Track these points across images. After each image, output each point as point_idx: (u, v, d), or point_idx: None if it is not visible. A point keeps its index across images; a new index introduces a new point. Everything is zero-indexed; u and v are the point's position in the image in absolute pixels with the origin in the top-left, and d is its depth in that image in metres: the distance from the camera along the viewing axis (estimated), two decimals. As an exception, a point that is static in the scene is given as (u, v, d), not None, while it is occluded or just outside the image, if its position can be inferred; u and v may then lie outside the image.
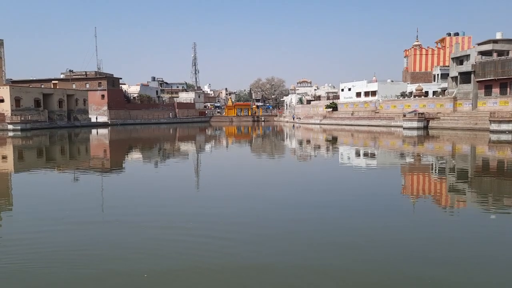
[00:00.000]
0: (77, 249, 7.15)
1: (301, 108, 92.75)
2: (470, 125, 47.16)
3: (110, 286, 5.72)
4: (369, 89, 71.54)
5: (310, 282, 5.74)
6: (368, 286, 5.67)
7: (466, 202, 11.72)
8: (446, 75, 62.03)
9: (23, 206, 11.02)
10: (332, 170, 18.95)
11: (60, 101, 68.18)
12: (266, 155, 26.58)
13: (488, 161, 21.92)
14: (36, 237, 7.84)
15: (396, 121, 57.41)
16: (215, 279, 5.85)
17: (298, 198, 11.70)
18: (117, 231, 8.35)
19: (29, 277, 5.96)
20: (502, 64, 47.81)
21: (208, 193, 12.76)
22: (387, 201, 11.33)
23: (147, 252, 6.94)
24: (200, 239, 7.58)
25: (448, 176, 16.45)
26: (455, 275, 6.02)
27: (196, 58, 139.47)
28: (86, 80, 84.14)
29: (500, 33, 53.68)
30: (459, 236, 8.06)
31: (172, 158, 24.52)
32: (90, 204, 10.97)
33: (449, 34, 76.42)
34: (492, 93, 49.27)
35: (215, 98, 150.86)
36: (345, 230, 8.39)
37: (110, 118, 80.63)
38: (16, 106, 58.93)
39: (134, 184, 14.87)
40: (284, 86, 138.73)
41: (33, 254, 6.86)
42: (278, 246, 7.31)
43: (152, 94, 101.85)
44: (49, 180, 16.39)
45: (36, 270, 6.19)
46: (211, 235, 7.82)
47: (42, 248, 7.16)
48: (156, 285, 5.65)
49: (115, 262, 6.55)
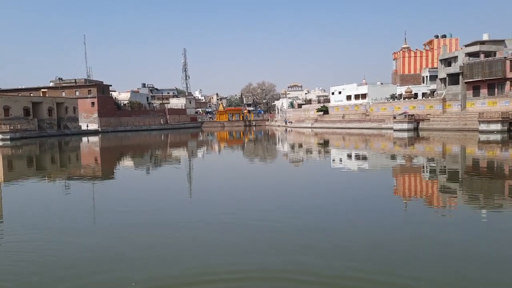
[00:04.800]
0: (66, 258, 7.07)
1: (292, 112, 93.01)
2: (459, 125, 47.65)
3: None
4: (359, 92, 72.02)
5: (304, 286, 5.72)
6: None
7: (458, 202, 11.81)
8: (434, 76, 62.68)
9: (12, 216, 10.86)
10: (323, 173, 18.98)
11: (49, 109, 67.59)
12: (258, 160, 26.57)
13: (478, 161, 22.14)
14: (25, 247, 7.73)
15: (386, 123, 57.83)
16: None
17: (292, 202, 11.69)
18: (106, 240, 8.26)
19: (16, 286, 5.87)
20: (489, 65, 48.46)
21: (200, 200, 12.71)
22: (379, 203, 11.37)
23: (136, 260, 6.87)
24: (189, 247, 7.54)
25: (439, 177, 16.57)
26: (447, 275, 6.05)
27: (187, 64, 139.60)
28: (75, 87, 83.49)
29: (487, 35, 54.45)
30: (452, 236, 8.10)
31: (164, 165, 24.40)
32: (80, 213, 10.86)
33: (437, 36, 77.37)
34: (480, 93, 49.88)
35: (206, 103, 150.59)
36: (339, 233, 8.41)
37: (101, 125, 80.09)
38: (5, 115, 58.28)
39: (124, 192, 14.76)
40: (275, 91, 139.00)
41: (22, 262, 6.76)
42: (270, 251, 7.28)
43: (143, 100, 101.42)
44: (39, 189, 16.20)
45: (24, 279, 6.10)
46: (201, 243, 7.78)
47: (31, 258, 7.06)
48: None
49: (103, 271, 6.47)
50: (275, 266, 6.48)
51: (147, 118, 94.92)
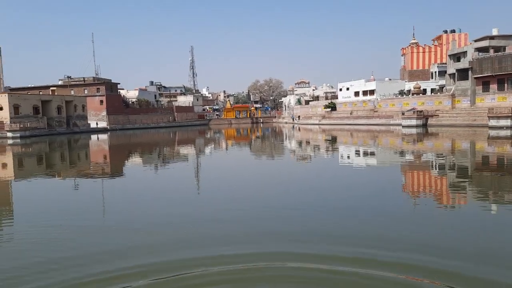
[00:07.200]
0: (77, 254, 7.14)
1: (299, 109, 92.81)
2: (468, 121, 47.25)
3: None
4: (367, 88, 71.64)
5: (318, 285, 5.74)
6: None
7: (468, 198, 11.73)
8: (443, 72, 62.16)
9: (23, 213, 11.01)
10: (332, 170, 18.94)
11: (58, 107, 68.17)
12: (266, 157, 26.59)
13: (488, 157, 21.95)
14: (35, 243, 7.84)
15: (395, 119, 57.51)
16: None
17: (302, 199, 11.71)
18: (116, 238, 8.35)
19: (26, 282, 5.94)
20: (499, 60, 47.93)
21: (209, 197, 12.78)
22: (390, 199, 11.34)
23: (144, 259, 6.90)
24: (200, 242, 7.60)
25: (449, 173, 16.46)
26: (464, 269, 6.02)
27: (194, 62, 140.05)
28: (84, 86, 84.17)
29: (496, 29, 53.85)
30: (463, 232, 8.07)
31: (173, 162, 24.53)
32: (90, 210, 10.98)
33: (446, 31, 76.58)
34: (490, 89, 49.37)
35: (214, 101, 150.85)
36: (353, 229, 8.41)
37: (109, 123, 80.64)
38: (15, 114, 58.92)
39: (134, 189, 14.85)
40: (282, 87, 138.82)
41: (33, 258, 6.85)
42: (278, 247, 7.30)
43: (151, 98, 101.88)
44: (49, 186, 16.38)
45: (35, 274, 6.18)
46: (211, 240, 7.84)
47: (41, 254, 7.15)
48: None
49: (113, 269, 6.47)
50: (293, 265, 6.50)
51: (155, 116, 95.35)
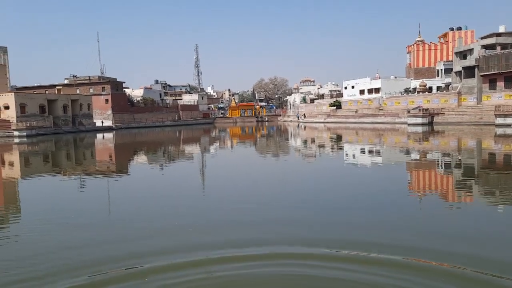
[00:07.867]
0: (83, 251, 7.17)
1: (304, 107, 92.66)
2: (475, 119, 46.91)
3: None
4: (372, 86, 71.36)
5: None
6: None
7: (474, 197, 11.65)
8: (449, 70, 61.71)
9: (30, 211, 11.07)
10: (337, 168, 18.88)
11: (64, 106, 68.53)
12: (271, 155, 26.56)
13: (495, 155, 21.78)
14: (42, 241, 7.88)
15: (400, 117, 57.23)
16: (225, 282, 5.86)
17: (307, 197, 11.69)
18: (123, 233, 8.37)
19: (35, 278, 5.97)
20: (506, 57, 47.52)
21: (214, 196, 12.79)
22: (397, 197, 11.29)
23: (149, 256, 6.90)
24: (206, 241, 7.60)
25: (455, 172, 16.35)
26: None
27: (199, 60, 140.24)
28: (89, 85, 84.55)
29: (503, 26, 53.37)
30: (469, 229, 8.01)
31: (178, 161, 24.57)
32: (96, 208, 11.02)
33: (452, 28, 76.03)
34: (497, 87, 48.97)
35: (219, 99, 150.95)
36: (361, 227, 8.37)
37: (115, 122, 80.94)
38: (21, 113, 59.31)
39: (139, 188, 14.89)
40: (287, 86, 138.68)
41: (39, 256, 6.88)
42: (285, 245, 7.28)
43: (156, 97, 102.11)
44: (55, 185, 16.46)
45: (41, 271, 6.21)
46: (218, 236, 7.84)
47: (47, 251, 7.19)
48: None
49: (117, 265, 6.50)
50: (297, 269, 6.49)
51: (160, 115, 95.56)
